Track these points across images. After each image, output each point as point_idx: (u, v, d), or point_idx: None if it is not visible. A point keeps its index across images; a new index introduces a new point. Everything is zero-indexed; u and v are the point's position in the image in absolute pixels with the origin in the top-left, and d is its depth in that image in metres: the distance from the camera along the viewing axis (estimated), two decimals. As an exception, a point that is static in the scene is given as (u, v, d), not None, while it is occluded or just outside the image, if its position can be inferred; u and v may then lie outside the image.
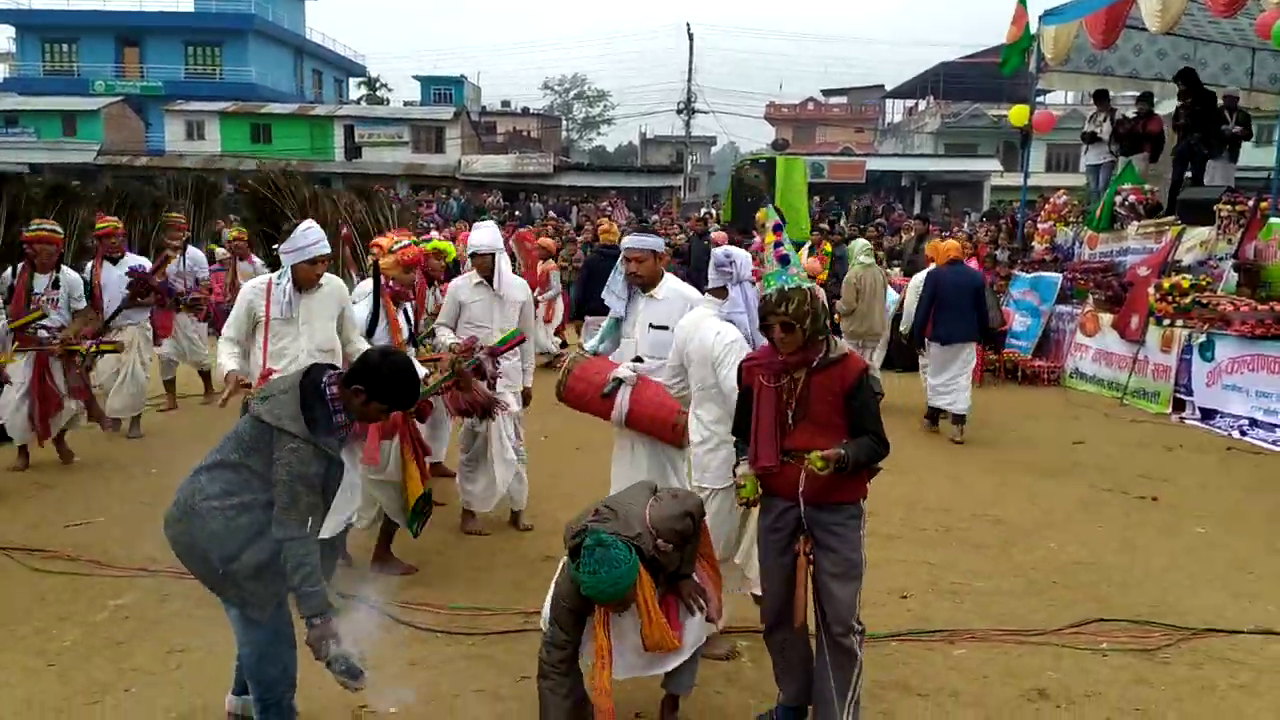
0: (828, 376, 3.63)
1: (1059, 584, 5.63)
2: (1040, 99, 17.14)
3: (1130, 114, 14.75)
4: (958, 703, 4.21)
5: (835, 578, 3.62)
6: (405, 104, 52.76)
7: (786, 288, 3.62)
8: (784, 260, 3.70)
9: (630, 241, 5.16)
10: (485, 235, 6.22)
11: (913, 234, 16.08)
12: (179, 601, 5.09)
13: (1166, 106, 15.81)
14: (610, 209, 31.40)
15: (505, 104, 61.07)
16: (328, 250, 5.20)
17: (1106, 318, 12.14)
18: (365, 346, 5.37)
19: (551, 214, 30.71)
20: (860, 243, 11.27)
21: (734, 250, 4.59)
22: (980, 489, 7.58)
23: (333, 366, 3.59)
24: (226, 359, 5.14)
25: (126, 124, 43.32)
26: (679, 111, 46.59)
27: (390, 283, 5.72)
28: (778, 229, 3.89)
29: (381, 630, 4.82)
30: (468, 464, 6.30)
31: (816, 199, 32.88)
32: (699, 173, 52.89)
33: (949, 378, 9.41)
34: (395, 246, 5.75)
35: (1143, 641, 4.83)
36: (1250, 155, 16.75)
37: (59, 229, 7.71)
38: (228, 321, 5.34)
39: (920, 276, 9.98)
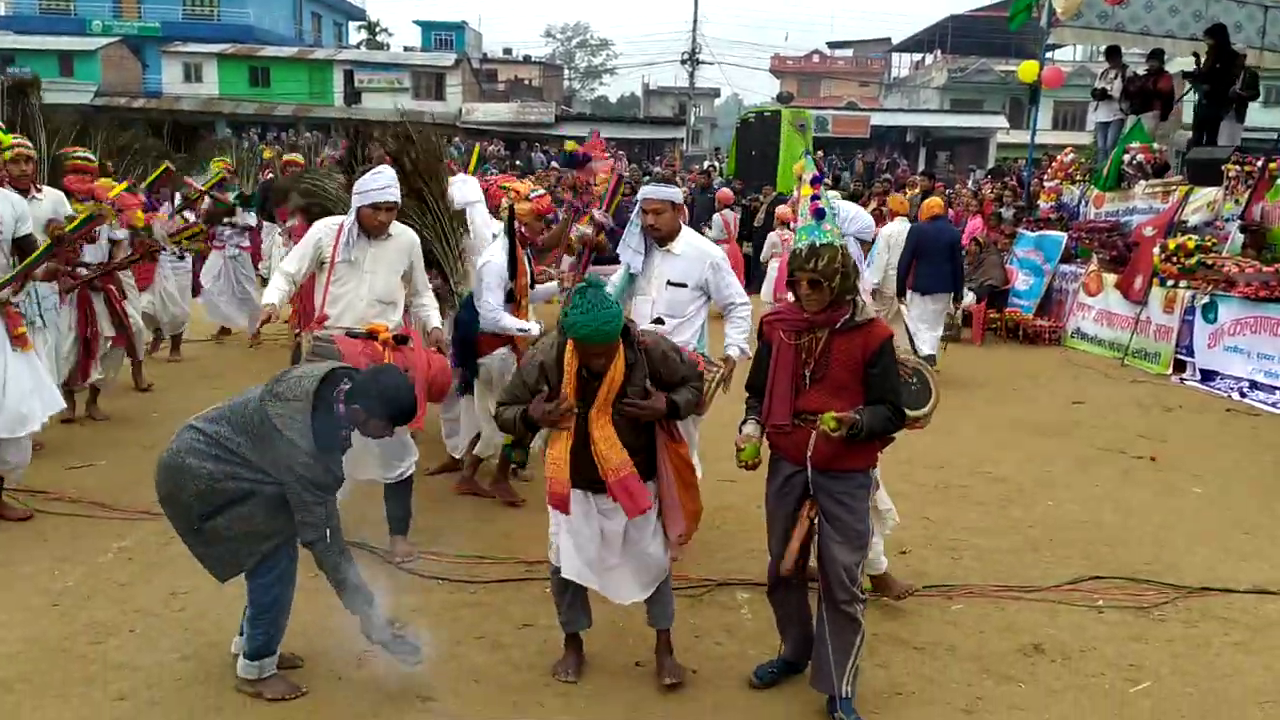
0: (850, 340, 3.57)
1: (1056, 541, 5.66)
2: (1049, 55, 16.91)
3: (1140, 71, 14.59)
4: (954, 656, 4.24)
5: (840, 545, 3.61)
6: (405, 49, 52.16)
7: (818, 243, 3.56)
8: (819, 214, 3.63)
9: (649, 192, 4.99)
10: (454, 191, 6.30)
11: (918, 190, 15.96)
12: (182, 545, 5.09)
13: (1178, 64, 15.63)
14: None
15: (507, 51, 60.33)
16: (393, 198, 4.92)
17: (1110, 278, 12.09)
18: (432, 304, 5.27)
19: (554, 164, 30.45)
20: (832, 194, 11.62)
21: (842, 204, 4.59)
22: (979, 447, 7.60)
23: (349, 377, 3.65)
24: (271, 291, 4.99)
25: (124, 65, 42.82)
26: (683, 62, 46.08)
27: (522, 228, 5.74)
28: (815, 181, 3.82)
29: (384, 577, 4.86)
30: (449, 421, 6.41)
31: (820, 153, 32.61)
32: (702, 125, 52.40)
33: (929, 327, 9.81)
34: (532, 194, 5.83)
35: (1138, 599, 4.86)
36: (1259, 116, 16.62)
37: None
38: (290, 254, 5.19)
39: (890, 228, 9.98)
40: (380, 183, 4.87)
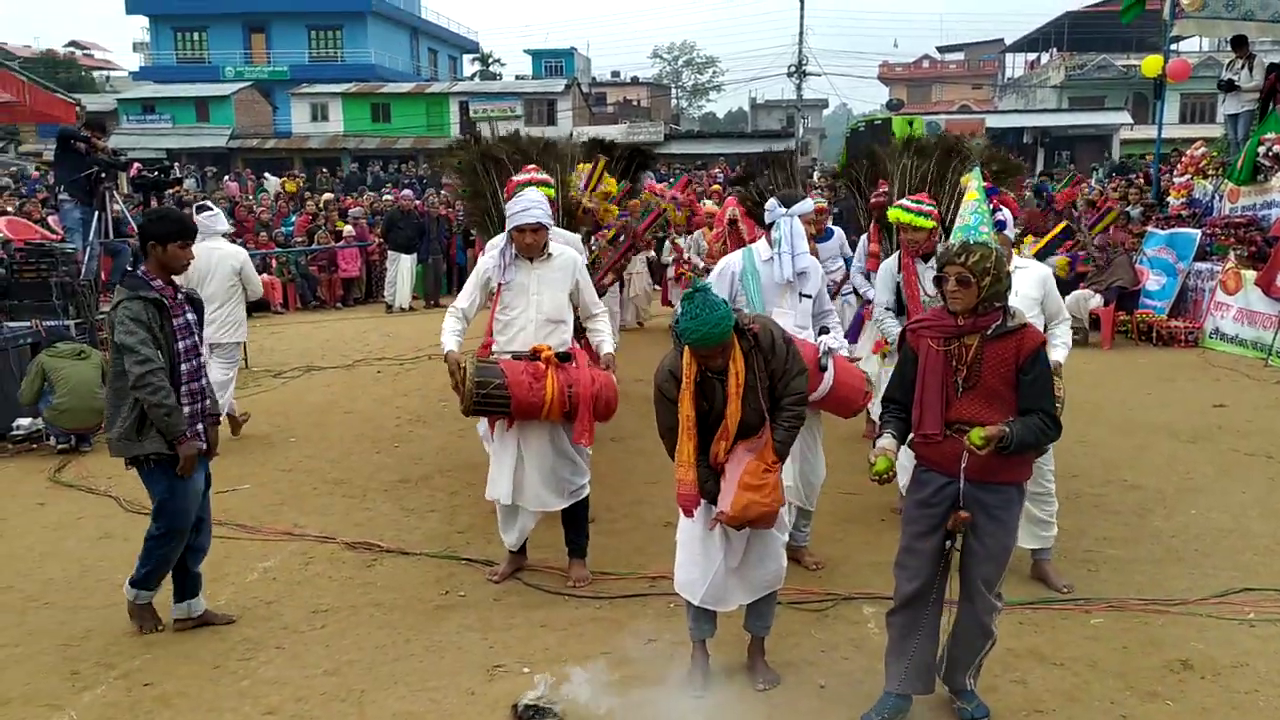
0: (1003, 346, 3.45)
1: (1201, 552, 5.42)
2: (1174, 47, 16.22)
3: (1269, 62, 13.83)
4: (1096, 672, 4.09)
5: (985, 557, 3.54)
6: (517, 78, 53.34)
7: (971, 240, 3.56)
8: (996, 219, 3.66)
9: (814, 203, 5.41)
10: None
11: (1027, 193, 15.47)
12: (321, 564, 5.33)
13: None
14: (721, 176, 31.15)
15: (615, 74, 61.18)
16: (534, 220, 4.80)
17: (1249, 275, 11.50)
18: (606, 329, 5.15)
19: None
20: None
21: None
22: (1113, 453, 7.31)
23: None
24: (448, 336, 4.89)
25: (255, 108, 44.91)
26: (790, 74, 45.90)
27: None
28: (992, 193, 3.91)
29: (510, 593, 4.97)
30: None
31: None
32: (810, 136, 52.02)
33: None
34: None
35: (1293, 612, 4.62)
36: None
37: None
38: (461, 291, 5.14)
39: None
40: (521, 205, 4.84)
